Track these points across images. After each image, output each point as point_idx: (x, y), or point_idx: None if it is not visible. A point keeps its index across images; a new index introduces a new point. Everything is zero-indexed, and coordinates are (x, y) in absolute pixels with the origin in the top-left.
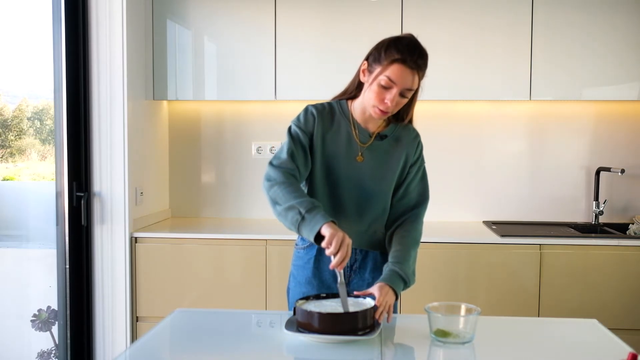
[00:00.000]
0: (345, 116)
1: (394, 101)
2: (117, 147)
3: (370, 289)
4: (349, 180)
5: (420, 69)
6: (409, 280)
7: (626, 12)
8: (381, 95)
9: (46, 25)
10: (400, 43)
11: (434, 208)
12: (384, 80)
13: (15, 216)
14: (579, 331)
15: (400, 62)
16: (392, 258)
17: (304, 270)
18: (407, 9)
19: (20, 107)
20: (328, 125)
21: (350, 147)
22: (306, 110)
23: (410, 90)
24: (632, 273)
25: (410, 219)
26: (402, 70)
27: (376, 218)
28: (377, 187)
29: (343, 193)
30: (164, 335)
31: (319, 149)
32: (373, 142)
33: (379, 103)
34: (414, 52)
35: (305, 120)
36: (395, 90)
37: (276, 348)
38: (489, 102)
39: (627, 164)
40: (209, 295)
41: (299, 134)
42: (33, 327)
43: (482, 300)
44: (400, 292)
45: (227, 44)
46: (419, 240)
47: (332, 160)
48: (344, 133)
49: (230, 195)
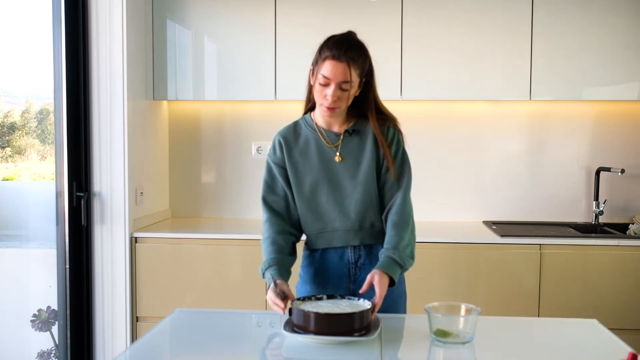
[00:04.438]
0: (311, 127)
1: (334, 96)
2: (117, 147)
3: (369, 280)
4: (330, 185)
5: (353, 60)
6: (404, 263)
7: (626, 12)
8: (322, 92)
9: (46, 26)
10: (331, 41)
11: (434, 208)
12: (321, 79)
13: (15, 216)
14: (579, 331)
15: (330, 58)
16: (386, 244)
17: (309, 269)
18: (407, 9)
19: (27, 109)
20: (295, 145)
21: (324, 153)
22: (273, 142)
23: (347, 82)
24: (632, 273)
25: (397, 202)
26: (333, 65)
27: (367, 211)
28: (357, 182)
29: (328, 199)
30: (164, 335)
31: (294, 171)
32: (342, 140)
33: (323, 100)
34: (342, 46)
35: (274, 152)
36: (333, 85)
37: (276, 348)
38: (489, 102)
39: (627, 164)
40: (209, 295)
41: (272, 167)
42: (33, 327)
43: (482, 300)
44: (397, 278)
45: (227, 44)
46: (410, 221)
47: (309, 174)
48: (313, 143)
49: (230, 195)
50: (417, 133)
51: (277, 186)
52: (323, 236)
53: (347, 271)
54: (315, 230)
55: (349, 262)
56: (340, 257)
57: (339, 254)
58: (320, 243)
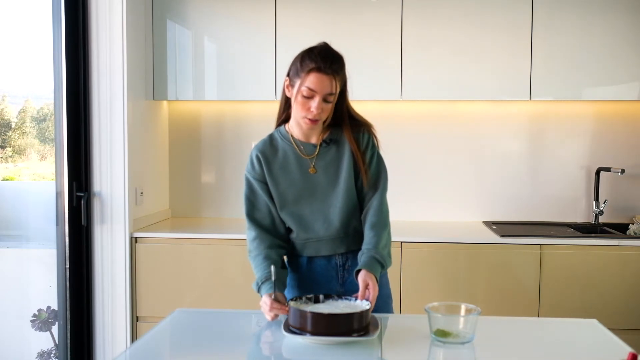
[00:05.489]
0: (287, 140)
1: (319, 108)
2: (117, 147)
3: (363, 283)
4: (311, 196)
5: (337, 73)
6: (385, 263)
7: (626, 12)
8: (306, 105)
9: (46, 26)
10: (313, 52)
11: (434, 208)
12: (305, 91)
13: (15, 216)
14: (579, 331)
15: (316, 71)
16: (366, 244)
17: (295, 274)
18: (407, 8)
19: (25, 108)
20: (273, 159)
21: (302, 166)
22: (251, 157)
23: (331, 94)
24: (632, 273)
25: (374, 203)
26: (319, 77)
27: (350, 218)
28: (338, 191)
29: (312, 211)
30: (164, 335)
31: (275, 185)
32: (319, 151)
33: (306, 113)
34: (327, 59)
35: (252, 168)
36: (317, 97)
37: (276, 348)
38: (489, 102)
39: (627, 164)
40: (209, 295)
41: (253, 183)
42: (33, 327)
43: (482, 300)
44: (379, 277)
45: (227, 44)
46: (387, 223)
47: (291, 187)
48: (292, 156)
49: (230, 195)
50: (417, 133)
51: (260, 202)
52: (310, 245)
53: (335, 274)
54: (301, 240)
55: (337, 266)
56: (327, 262)
57: (327, 259)
58: (307, 251)
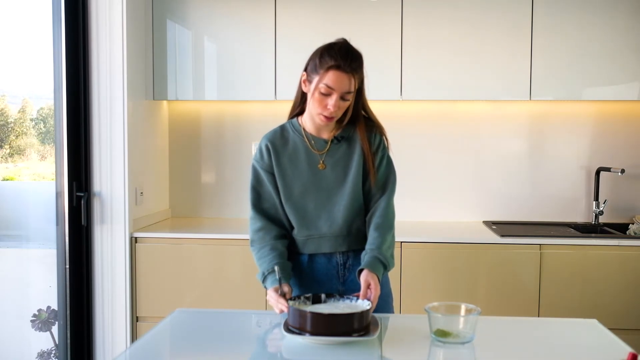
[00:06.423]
0: (299, 132)
1: (336, 106)
2: (117, 147)
3: (365, 283)
4: (317, 192)
5: (356, 71)
6: (388, 264)
7: (626, 12)
8: (323, 102)
9: (46, 26)
10: (333, 50)
11: (434, 208)
12: (323, 88)
13: (15, 216)
14: (579, 331)
15: (335, 68)
16: (370, 244)
17: (296, 272)
18: (407, 8)
19: (24, 108)
20: (283, 150)
21: (311, 160)
22: (259, 147)
23: (349, 93)
24: (632, 273)
25: (381, 205)
26: (338, 75)
27: (354, 217)
28: (345, 189)
29: (316, 206)
30: (164, 335)
31: (282, 177)
32: (330, 147)
33: (322, 110)
34: (347, 57)
35: (261, 157)
36: (335, 95)
37: (276, 348)
38: (489, 102)
39: (627, 164)
40: (209, 295)
41: (260, 173)
42: (33, 327)
43: (482, 300)
44: (381, 277)
45: (227, 44)
46: (393, 225)
47: (298, 181)
48: (302, 149)
49: (230, 195)
50: (417, 133)
51: (266, 193)
52: (311, 242)
53: (336, 273)
54: (302, 236)
55: (338, 264)
56: (328, 260)
57: (327, 257)
58: (308, 248)
